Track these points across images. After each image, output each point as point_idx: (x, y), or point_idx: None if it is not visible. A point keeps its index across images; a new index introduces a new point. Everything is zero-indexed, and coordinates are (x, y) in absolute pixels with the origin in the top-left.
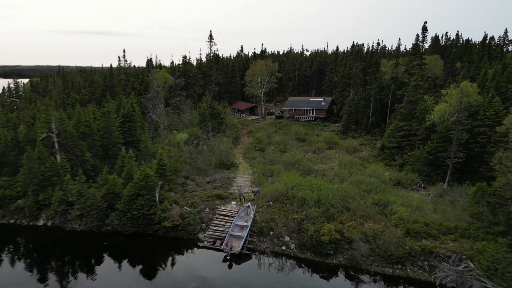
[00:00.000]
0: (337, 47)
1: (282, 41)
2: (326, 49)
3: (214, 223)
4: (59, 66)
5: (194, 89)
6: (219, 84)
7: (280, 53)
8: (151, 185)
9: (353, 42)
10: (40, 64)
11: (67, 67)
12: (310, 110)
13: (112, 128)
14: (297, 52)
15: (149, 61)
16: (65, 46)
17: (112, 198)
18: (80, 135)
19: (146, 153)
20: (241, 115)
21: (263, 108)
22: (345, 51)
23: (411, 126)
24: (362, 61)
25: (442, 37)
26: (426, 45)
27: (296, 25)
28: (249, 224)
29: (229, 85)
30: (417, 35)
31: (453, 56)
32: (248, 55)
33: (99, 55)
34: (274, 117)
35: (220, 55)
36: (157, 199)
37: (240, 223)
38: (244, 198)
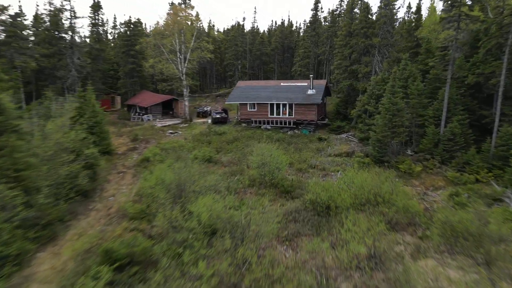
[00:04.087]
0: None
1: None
2: (288, 20)
3: None
4: None
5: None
6: (96, 59)
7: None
8: None
9: None
10: None
11: None
12: (284, 106)
13: None
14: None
15: None
16: None
17: None
18: None
19: None
20: (145, 117)
21: (186, 104)
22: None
23: None
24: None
25: None
26: None
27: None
28: None
29: (126, 63)
30: None
31: None
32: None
33: None
34: (210, 120)
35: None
36: None
37: None
38: None
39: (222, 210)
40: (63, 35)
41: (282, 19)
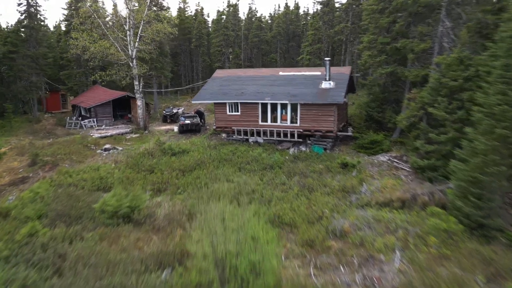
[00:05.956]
0: None
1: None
2: (294, 2)
3: None
4: None
5: None
6: (28, 41)
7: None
8: None
9: None
10: None
11: None
12: (283, 107)
13: None
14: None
15: None
16: None
17: None
18: None
19: None
20: (85, 123)
21: (139, 104)
22: None
23: None
24: None
25: None
26: None
27: None
28: None
29: (69, 48)
30: None
31: None
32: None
33: None
34: (176, 128)
35: None
36: None
37: None
38: None
39: None
40: None
41: (286, 2)
